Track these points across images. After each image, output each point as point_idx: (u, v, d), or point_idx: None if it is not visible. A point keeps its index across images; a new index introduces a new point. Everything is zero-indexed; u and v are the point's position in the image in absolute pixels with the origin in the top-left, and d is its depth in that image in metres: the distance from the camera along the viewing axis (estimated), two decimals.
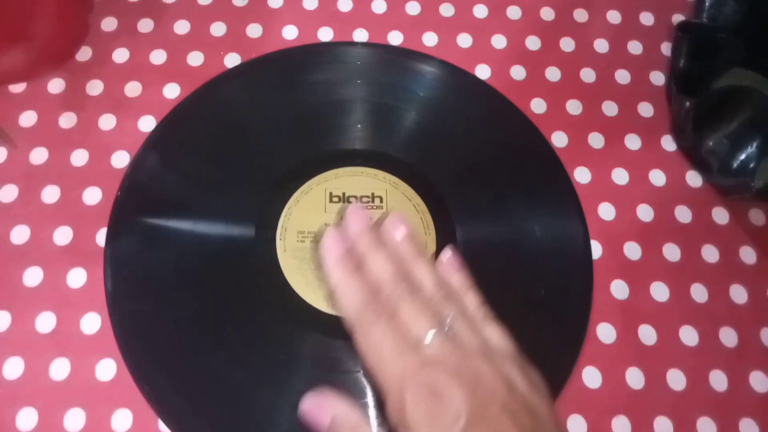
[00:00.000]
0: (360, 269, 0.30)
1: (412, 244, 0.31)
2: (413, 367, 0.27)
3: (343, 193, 0.39)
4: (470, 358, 0.27)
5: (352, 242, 0.31)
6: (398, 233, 0.31)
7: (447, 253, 0.32)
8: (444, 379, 0.26)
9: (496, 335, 0.29)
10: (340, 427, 0.28)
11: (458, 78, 0.43)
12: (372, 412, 0.33)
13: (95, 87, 0.41)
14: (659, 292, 0.38)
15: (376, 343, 0.28)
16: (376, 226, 0.32)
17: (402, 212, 0.32)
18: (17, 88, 0.41)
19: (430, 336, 0.27)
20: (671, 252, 0.39)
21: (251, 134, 0.40)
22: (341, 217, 0.32)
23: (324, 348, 0.35)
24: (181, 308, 0.36)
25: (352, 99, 0.42)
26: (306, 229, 0.38)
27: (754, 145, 0.37)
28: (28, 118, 0.40)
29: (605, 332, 0.37)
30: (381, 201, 0.39)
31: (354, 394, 0.34)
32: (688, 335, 0.37)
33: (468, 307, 0.30)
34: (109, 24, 0.43)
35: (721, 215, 0.41)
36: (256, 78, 0.43)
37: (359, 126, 0.41)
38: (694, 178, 0.41)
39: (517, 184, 0.40)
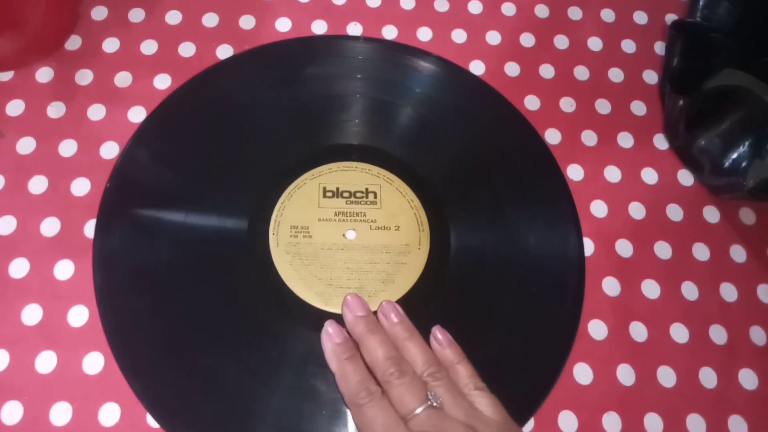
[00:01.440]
0: (356, 356, 0.33)
1: (404, 325, 0.34)
2: None
3: (337, 188, 0.39)
4: (453, 425, 0.30)
5: (349, 330, 0.34)
6: (393, 316, 0.34)
7: (437, 331, 0.35)
8: None
9: (484, 404, 0.32)
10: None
11: (453, 74, 0.43)
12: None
13: (85, 77, 0.41)
14: (651, 289, 0.38)
15: (369, 420, 0.31)
16: (371, 314, 0.35)
17: (392, 302, 0.35)
18: (5, 76, 0.40)
19: (417, 411, 0.30)
20: (663, 250, 0.39)
21: (244, 127, 0.40)
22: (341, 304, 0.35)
23: (315, 343, 0.35)
24: (172, 303, 0.35)
25: (346, 94, 0.42)
26: (299, 223, 0.37)
27: (746, 144, 0.38)
28: (15, 107, 0.39)
29: (597, 329, 0.37)
30: (375, 196, 0.38)
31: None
32: (679, 333, 0.37)
33: (460, 379, 0.33)
34: (99, 13, 0.43)
35: (712, 214, 0.41)
36: (250, 70, 0.42)
37: (354, 121, 0.41)
38: (685, 177, 0.42)
39: (511, 181, 0.40)
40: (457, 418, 0.30)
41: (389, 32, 0.44)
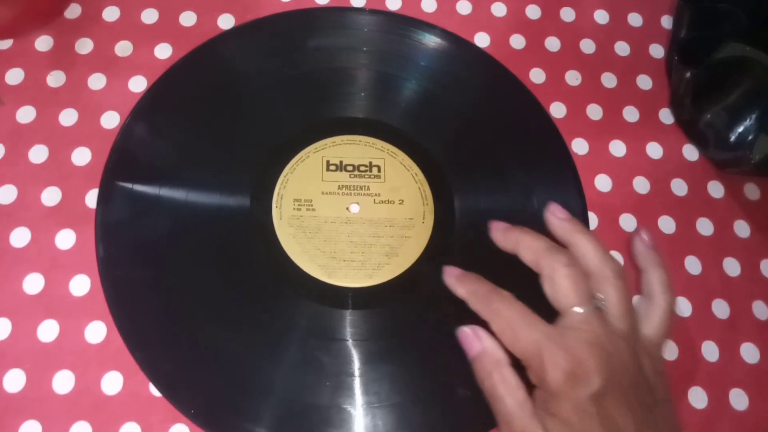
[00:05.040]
0: (480, 278, 0.32)
1: (574, 221, 0.33)
2: (549, 332, 0.29)
3: (341, 161, 0.38)
4: (612, 336, 0.29)
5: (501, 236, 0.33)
6: (561, 214, 0.33)
7: (642, 231, 0.33)
8: (582, 347, 0.28)
9: (653, 324, 0.31)
10: (486, 357, 0.30)
11: (458, 47, 0.43)
12: (358, 381, 0.33)
13: (85, 45, 0.40)
14: None
15: (507, 319, 0.30)
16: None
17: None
18: (4, 44, 0.40)
19: (576, 309, 0.29)
20: (666, 224, 0.39)
21: (247, 99, 0.40)
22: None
23: (319, 316, 0.35)
24: (174, 274, 0.35)
25: (350, 66, 0.41)
26: (302, 197, 0.37)
27: (753, 117, 0.37)
28: (15, 76, 0.39)
29: None
30: (379, 170, 0.38)
31: (348, 362, 0.34)
32: (682, 306, 0.37)
33: (589, 261, 0.31)
34: None
35: (716, 189, 0.41)
36: (253, 42, 0.42)
37: (358, 94, 0.40)
38: (690, 152, 0.41)
39: (515, 155, 0.40)
40: (617, 329, 0.29)
41: (393, 3, 0.44)
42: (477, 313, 0.31)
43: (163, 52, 0.40)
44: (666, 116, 0.42)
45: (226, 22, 0.42)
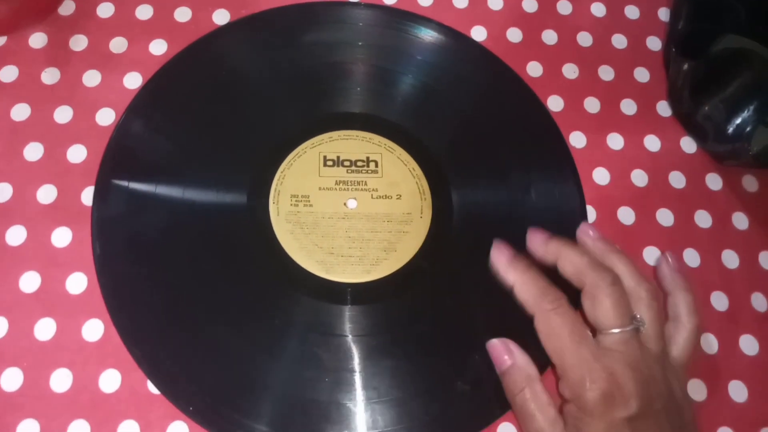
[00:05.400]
0: (534, 267, 0.32)
1: (607, 242, 0.34)
2: (595, 351, 0.29)
3: (338, 157, 0.38)
4: (648, 359, 0.30)
5: (541, 249, 0.34)
6: (592, 233, 0.34)
7: (669, 255, 0.35)
8: (622, 369, 0.29)
9: (679, 345, 0.32)
10: (517, 372, 0.30)
11: (455, 41, 0.43)
12: (358, 377, 0.33)
13: (79, 42, 0.40)
14: (652, 256, 0.38)
15: (556, 326, 0.30)
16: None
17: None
18: None
19: (616, 330, 0.30)
20: (665, 217, 0.39)
21: (243, 95, 0.39)
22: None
23: (318, 312, 0.35)
24: (172, 271, 0.35)
25: (347, 61, 0.41)
26: (300, 192, 0.37)
27: (751, 109, 0.37)
28: (9, 73, 0.39)
29: None
30: (376, 165, 0.38)
31: (347, 357, 0.33)
32: None
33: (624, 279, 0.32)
34: None
35: (714, 181, 0.41)
36: (249, 37, 0.41)
37: (355, 89, 0.40)
38: (688, 144, 0.41)
39: (513, 149, 0.40)
40: (652, 352, 0.30)
41: None
42: (522, 303, 0.31)
43: (159, 48, 0.40)
44: (664, 109, 0.42)
45: (221, 17, 0.42)
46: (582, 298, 0.31)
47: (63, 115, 0.38)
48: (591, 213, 0.39)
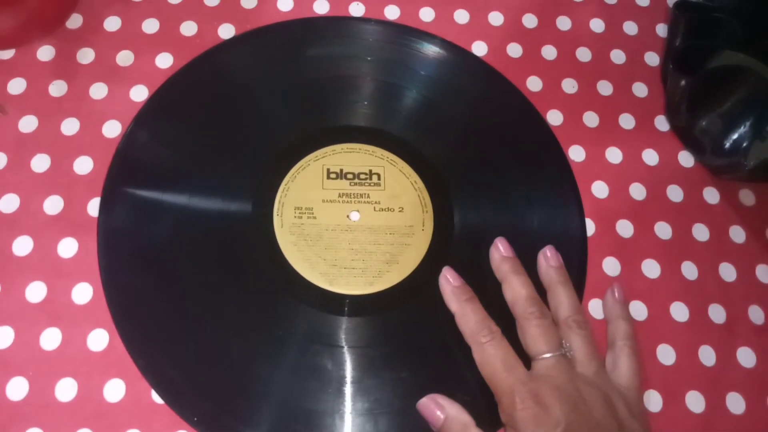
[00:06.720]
0: (475, 298, 0.34)
1: (561, 271, 0.36)
2: (523, 378, 0.31)
3: (341, 170, 0.39)
4: (577, 382, 0.31)
5: (494, 268, 0.36)
6: (552, 261, 0.36)
7: (615, 287, 0.37)
8: (549, 392, 0.30)
9: (622, 369, 0.34)
10: (452, 424, 0.32)
11: (456, 56, 0.43)
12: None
13: (86, 55, 0.40)
14: (651, 269, 0.39)
15: (489, 357, 0.32)
16: (516, 258, 0.36)
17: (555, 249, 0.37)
18: (6, 54, 0.40)
19: (547, 355, 0.32)
20: (663, 230, 0.40)
21: (247, 108, 0.40)
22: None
23: (321, 323, 0.35)
24: (177, 281, 0.35)
25: (350, 75, 0.42)
26: (303, 205, 0.37)
27: (747, 124, 0.38)
28: (17, 85, 0.39)
29: (598, 308, 0.37)
30: (379, 178, 0.39)
31: (349, 368, 0.34)
32: (679, 311, 0.38)
33: (561, 308, 0.34)
34: None
35: (711, 195, 0.41)
36: (254, 51, 0.42)
37: (358, 103, 0.41)
38: (686, 159, 0.42)
39: (513, 162, 0.40)
40: (584, 374, 0.32)
41: (391, 12, 0.44)
42: (462, 333, 0.34)
43: (164, 61, 0.41)
44: (662, 123, 0.43)
45: (226, 31, 0.42)
46: (516, 326, 0.34)
47: (70, 127, 0.38)
48: (590, 225, 0.39)
